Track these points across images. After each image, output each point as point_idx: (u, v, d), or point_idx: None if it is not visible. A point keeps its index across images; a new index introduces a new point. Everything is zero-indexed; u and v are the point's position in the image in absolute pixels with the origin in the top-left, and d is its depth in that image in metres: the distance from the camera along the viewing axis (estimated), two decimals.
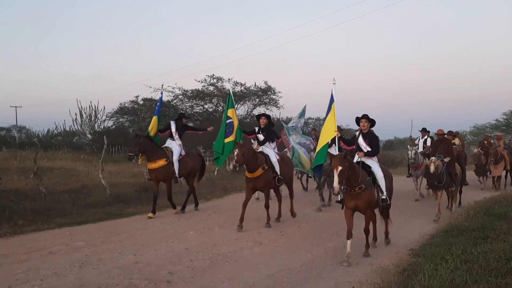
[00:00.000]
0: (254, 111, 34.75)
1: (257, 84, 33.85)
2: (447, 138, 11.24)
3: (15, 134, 37.35)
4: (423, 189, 13.49)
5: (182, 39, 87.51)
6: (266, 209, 9.28)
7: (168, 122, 11.25)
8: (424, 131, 14.04)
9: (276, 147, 10.36)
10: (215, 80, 33.22)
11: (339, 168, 6.29)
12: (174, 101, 33.78)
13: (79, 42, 77.42)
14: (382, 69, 75.20)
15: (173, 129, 10.84)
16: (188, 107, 34.26)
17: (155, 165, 10.20)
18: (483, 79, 69.59)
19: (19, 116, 41.78)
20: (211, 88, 33.51)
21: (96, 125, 35.35)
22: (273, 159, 9.34)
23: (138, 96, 33.99)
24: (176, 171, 10.44)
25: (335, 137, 7.89)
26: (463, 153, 14.15)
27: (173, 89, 33.32)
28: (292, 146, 11.57)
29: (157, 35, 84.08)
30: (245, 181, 9.28)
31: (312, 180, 13.68)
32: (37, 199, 10.91)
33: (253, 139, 10.16)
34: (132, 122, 34.25)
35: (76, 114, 31.92)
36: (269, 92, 34.14)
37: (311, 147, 11.67)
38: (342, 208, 7.12)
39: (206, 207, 11.71)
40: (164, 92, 32.60)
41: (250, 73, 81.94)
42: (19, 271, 6.00)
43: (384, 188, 7.21)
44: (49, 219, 9.43)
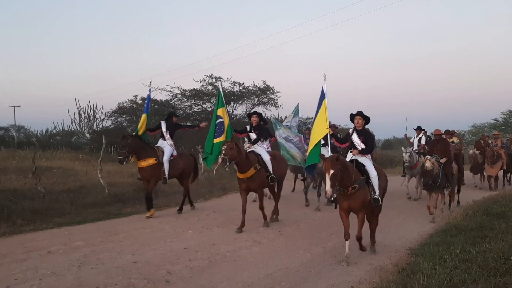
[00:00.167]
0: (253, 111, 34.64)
1: (256, 84, 33.82)
2: (444, 138, 11.11)
3: (14, 134, 37.31)
4: (413, 190, 13.32)
5: (181, 39, 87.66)
6: (261, 210, 9.17)
7: (159, 122, 11.04)
8: (419, 129, 13.93)
9: (270, 146, 10.26)
10: (214, 80, 33.17)
11: (331, 172, 6.10)
12: (173, 101, 33.73)
13: (78, 42, 77.53)
14: (381, 69, 75.38)
15: (164, 129, 10.64)
16: (187, 107, 34.23)
17: (144, 164, 9.99)
18: (482, 79, 69.78)
19: (18, 116, 41.86)
20: (210, 88, 33.49)
21: (95, 125, 35.31)
22: (266, 158, 9.17)
23: (137, 96, 33.91)
24: (166, 172, 10.21)
25: (327, 135, 7.74)
26: (461, 152, 14.09)
27: (172, 89, 33.29)
28: (279, 142, 11.29)
29: (156, 35, 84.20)
30: (238, 183, 9.08)
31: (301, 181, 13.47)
32: (36, 199, 10.89)
33: (246, 138, 9.94)
34: (131, 122, 34.20)
35: (75, 114, 31.89)
36: (268, 92, 34.08)
37: (300, 145, 11.44)
38: (336, 208, 6.98)
39: (205, 207, 11.70)
40: (163, 92, 32.89)
41: (249, 73, 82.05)
42: (18, 271, 6.00)
43: (377, 188, 6.95)
44: (48, 219, 9.43)
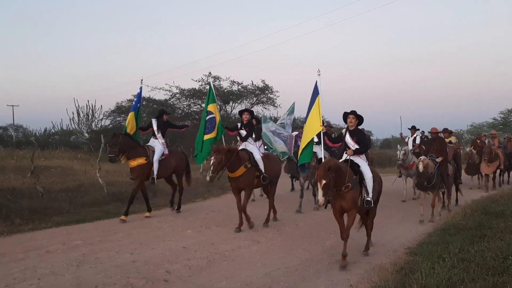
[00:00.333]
0: None
1: (255, 83, 33.81)
2: (441, 137, 10.91)
3: (12, 133, 37.24)
4: (410, 190, 13.06)
5: (180, 39, 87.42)
6: (243, 212, 8.62)
7: (150, 120, 10.80)
8: (413, 129, 13.69)
9: (262, 145, 10.13)
10: (213, 79, 33.18)
11: (323, 182, 5.93)
12: (172, 100, 33.70)
13: (77, 42, 77.19)
14: (380, 68, 75.26)
15: (155, 127, 10.38)
16: (186, 106, 34.22)
17: (134, 163, 9.73)
18: (481, 78, 69.78)
19: (16, 115, 41.64)
20: (208, 87, 33.53)
21: (93, 124, 35.22)
22: (257, 157, 8.93)
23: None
24: (155, 172, 9.91)
25: (321, 133, 7.55)
26: (459, 152, 14.02)
27: (170, 88, 33.26)
28: (264, 132, 10.87)
29: (155, 35, 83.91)
30: (229, 181, 8.83)
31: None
32: (34, 198, 10.88)
33: (237, 135, 9.65)
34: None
35: (73, 113, 31.81)
36: (267, 91, 34.09)
37: (288, 142, 11.04)
38: (325, 208, 6.73)
39: (204, 206, 11.69)
40: (162, 91, 32.86)
41: (248, 72, 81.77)
42: (16, 270, 5.99)
43: (371, 190, 6.72)
44: (46, 218, 9.42)
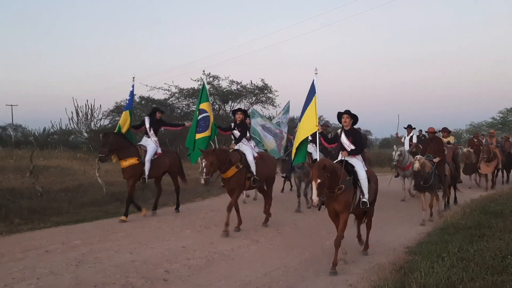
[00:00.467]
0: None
1: (254, 82, 33.76)
2: (438, 137, 10.77)
3: (11, 133, 37.13)
4: (411, 190, 12.70)
5: (179, 39, 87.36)
6: (228, 212, 8.28)
7: (143, 118, 10.67)
8: (410, 128, 13.52)
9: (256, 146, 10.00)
10: (211, 79, 33.12)
11: (318, 181, 5.80)
12: (171, 99, 33.65)
13: (76, 41, 76.98)
14: (379, 68, 75.20)
15: (147, 125, 10.16)
16: (185, 106, 34.17)
17: (125, 164, 9.54)
18: (480, 78, 69.82)
19: (15, 115, 41.63)
20: (207, 87, 33.49)
21: (93, 124, 35.13)
22: (249, 158, 8.64)
23: (135, 95, 33.83)
24: (146, 172, 9.69)
25: (316, 133, 7.38)
26: (457, 152, 13.93)
27: (169, 87, 33.21)
28: (252, 127, 10.60)
29: (154, 34, 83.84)
30: (222, 182, 8.74)
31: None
32: (33, 198, 10.87)
33: (231, 135, 9.41)
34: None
35: (72, 113, 31.72)
36: (266, 91, 34.03)
37: (278, 137, 10.99)
38: (319, 209, 6.52)
39: (203, 206, 11.69)
40: (160, 91, 32.82)
41: (247, 72, 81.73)
42: (15, 270, 5.99)
43: (366, 190, 6.58)
44: (46, 218, 9.42)
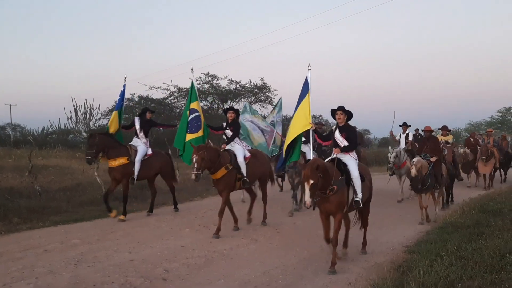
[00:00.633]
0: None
1: (253, 81, 33.70)
2: (435, 136, 10.60)
3: (10, 132, 37.06)
4: (406, 190, 12.33)
5: (178, 38, 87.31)
6: (219, 217, 8.20)
7: (133, 119, 10.49)
8: (405, 126, 13.31)
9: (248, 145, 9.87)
10: (210, 78, 33.12)
11: (311, 182, 5.65)
12: (169, 99, 33.61)
13: (75, 41, 76.94)
14: (378, 68, 75.23)
15: (137, 126, 10.01)
16: (183, 105, 34.17)
17: (115, 163, 9.41)
18: (480, 78, 69.97)
19: (14, 114, 41.56)
20: (206, 86, 33.41)
21: (91, 123, 35.11)
22: (240, 159, 8.39)
23: (134, 94, 33.75)
24: (136, 172, 9.55)
25: (310, 131, 7.17)
26: (455, 151, 13.79)
27: (168, 87, 33.17)
28: (241, 122, 10.29)
29: (153, 34, 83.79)
30: (212, 184, 8.58)
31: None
32: (32, 197, 10.88)
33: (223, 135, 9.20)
34: (127, 120, 33.93)
35: (71, 112, 31.55)
36: (265, 90, 33.99)
37: (268, 134, 10.79)
38: (314, 209, 6.29)
39: (202, 205, 11.68)
40: (159, 90, 32.80)
41: (246, 72, 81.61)
42: (14, 269, 5.99)
43: (360, 189, 6.41)
44: (44, 217, 9.42)
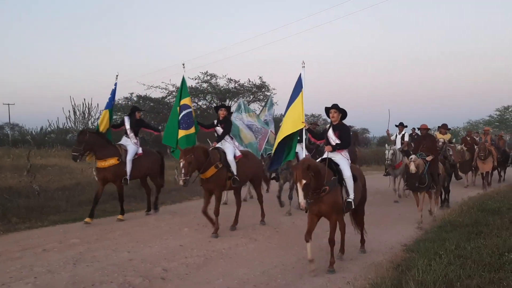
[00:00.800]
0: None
1: (252, 80, 33.69)
2: (431, 135, 10.53)
3: (8, 132, 37.01)
4: (401, 190, 12.57)
5: (177, 37, 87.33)
6: (215, 216, 8.24)
7: (123, 118, 10.44)
8: (401, 126, 13.24)
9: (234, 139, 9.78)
10: (209, 77, 33.12)
11: (303, 182, 5.51)
12: (168, 98, 33.57)
13: (73, 40, 77.02)
14: (378, 67, 75.37)
15: (127, 125, 9.97)
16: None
17: (105, 164, 9.28)
18: (478, 76, 70.13)
19: (12, 114, 41.49)
20: (205, 85, 33.42)
21: (90, 123, 35.07)
22: (229, 157, 8.36)
23: (133, 93, 33.74)
24: (128, 172, 9.46)
25: (303, 130, 7.04)
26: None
27: (167, 86, 33.14)
28: (232, 120, 10.18)
29: (152, 33, 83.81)
30: (200, 182, 8.36)
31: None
32: (31, 197, 10.87)
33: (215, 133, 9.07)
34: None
35: (70, 112, 31.59)
36: (263, 89, 33.98)
37: (260, 133, 10.68)
38: (306, 212, 6.31)
39: (200, 204, 11.62)
40: (158, 89, 32.79)
41: (245, 71, 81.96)
42: (13, 269, 5.98)
43: (352, 190, 6.28)
44: (43, 217, 9.41)
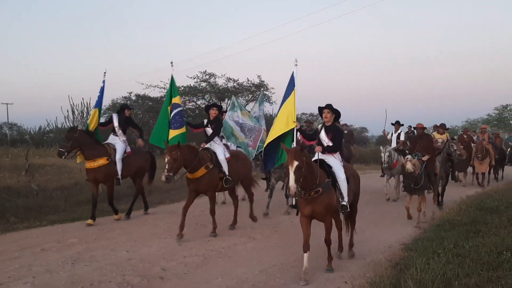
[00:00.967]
0: (247, 108, 34.33)
1: (250, 80, 33.65)
2: (427, 134, 10.35)
3: (7, 131, 36.92)
4: (392, 190, 12.41)
5: (177, 36, 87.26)
6: (212, 216, 8.19)
7: (111, 115, 10.31)
8: (398, 124, 12.99)
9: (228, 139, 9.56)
10: (208, 76, 33.08)
11: (295, 164, 5.34)
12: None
13: (72, 40, 76.84)
14: (377, 66, 75.29)
15: (116, 123, 9.77)
16: (181, 103, 34.17)
17: (94, 164, 9.03)
18: (477, 75, 70.21)
19: (11, 113, 41.36)
20: (204, 84, 33.39)
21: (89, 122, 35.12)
22: (221, 157, 8.24)
23: (131, 93, 33.67)
24: (119, 172, 9.28)
25: (294, 130, 6.91)
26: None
27: (165, 85, 33.10)
28: (225, 120, 9.99)
29: (152, 33, 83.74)
30: (186, 183, 8.12)
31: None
32: (29, 196, 10.85)
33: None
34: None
35: (68, 111, 31.52)
36: (262, 88, 33.95)
37: (253, 133, 10.52)
38: (297, 214, 6.22)
39: (199, 204, 11.60)
40: (156, 89, 32.74)
41: (244, 70, 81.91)
42: (11, 268, 5.98)
43: (346, 193, 6.12)
44: (41, 216, 9.41)
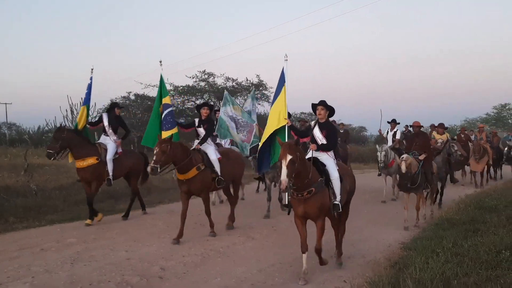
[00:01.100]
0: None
1: (249, 79, 33.67)
2: (424, 132, 10.25)
3: (5, 131, 36.87)
4: (389, 190, 12.35)
5: (177, 36, 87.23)
6: (207, 216, 8.16)
7: (101, 115, 10.10)
8: (394, 123, 12.85)
9: (229, 142, 9.47)
10: (206, 76, 33.08)
11: (289, 158, 5.17)
12: None
13: (71, 40, 76.78)
14: (376, 65, 75.36)
15: (105, 123, 9.50)
16: (179, 103, 34.08)
17: (83, 164, 8.86)
18: (476, 74, 70.27)
19: (9, 113, 41.29)
20: (202, 84, 33.40)
21: (87, 121, 35.07)
22: (212, 157, 8.11)
23: (130, 92, 33.66)
24: (110, 172, 9.08)
25: (285, 127, 6.85)
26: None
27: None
28: (220, 117, 9.86)
29: (152, 33, 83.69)
30: (177, 184, 8.01)
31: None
32: (28, 196, 10.85)
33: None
34: (124, 118, 33.68)
35: (67, 111, 31.54)
36: (261, 87, 33.96)
37: (246, 130, 10.34)
38: (289, 214, 6.08)
39: (198, 204, 11.59)
40: (155, 88, 32.73)
41: (243, 69, 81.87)
42: (10, 268, 5.97)
43: (339, 192, 5.89)
44: (40, 216, 9.40)
